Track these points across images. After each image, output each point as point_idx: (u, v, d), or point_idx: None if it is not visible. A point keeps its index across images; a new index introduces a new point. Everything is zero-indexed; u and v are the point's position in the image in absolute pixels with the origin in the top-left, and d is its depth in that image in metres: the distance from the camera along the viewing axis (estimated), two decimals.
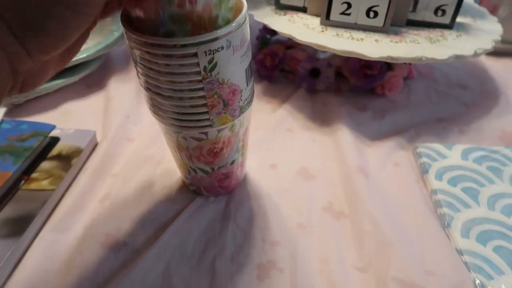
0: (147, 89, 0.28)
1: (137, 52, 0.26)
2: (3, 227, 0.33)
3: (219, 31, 0.24)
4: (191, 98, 0.27)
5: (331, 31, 0.46)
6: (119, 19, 0.26)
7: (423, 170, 0.41)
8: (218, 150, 0.32)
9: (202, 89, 0.26)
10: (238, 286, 0.31)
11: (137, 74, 0.29)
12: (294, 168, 0.42)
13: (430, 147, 0.44)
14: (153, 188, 0.39)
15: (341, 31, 0.46)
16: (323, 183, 0.40)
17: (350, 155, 0.42)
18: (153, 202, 0.38)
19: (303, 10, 0.51)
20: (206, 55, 0.24)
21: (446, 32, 0.48)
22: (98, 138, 0.45)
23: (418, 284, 0.30)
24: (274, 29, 0.47)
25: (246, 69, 0.28)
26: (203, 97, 0.27)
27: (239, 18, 0.25)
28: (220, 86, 0.27)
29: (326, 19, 0.47)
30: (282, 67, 0.56)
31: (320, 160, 0.43)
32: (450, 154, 0.43)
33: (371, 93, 0.54)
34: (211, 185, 0.36)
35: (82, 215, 0.36)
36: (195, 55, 0.24)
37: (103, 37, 0.55)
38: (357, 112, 0.50)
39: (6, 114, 0.41)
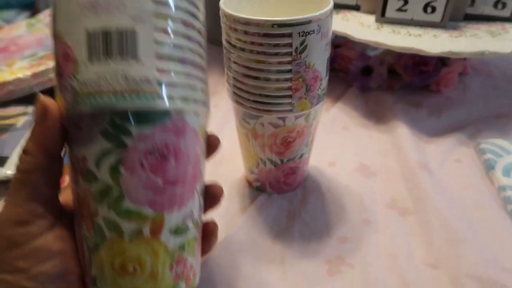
0: (235, 71, 0.31)
1: (232, 32, 0.29)
2: None
3: (312, 15, 0.27)
4: (277, 80, 0.29)
5: (387, 28, 0.46)
6: None
7: (488, 167, 0.40)
8: (291, 140, 0.33)
9: (289, 71, 0.29)
10: (310, 280, 0.31)
11: (226, 57, 0.31)
12: (353, 165, 0.42)
13: (494, 143, 0.43)
14: None
15: (398, 28, 0.46)
16: (384, 179, 0.40)
17: (409, 151, 0.42)
18: None
19: (356, 8, 0.51)
20: (299, 36, 0.27)
21: (508, 25, 0.46)
22: None
23: (497, 281, 0.30)
24: None
25: (327, 59, 0.30)
26: (289, 79, 0.29)
27: (328, 8, 0.28)
28: (306, 69, 0.29)
29: (382, 16, 0.47)
30: (333, 66, 0.56)
31: (379, 157, 0.43)
32: None
33: (425, 90, 0.53)
34: (277, 180, 0.37)
35: None
36: (290, 35, 0.27)
37: None
38: (412, 109, 0.50)
39: None
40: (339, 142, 0.45)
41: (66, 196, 0.25)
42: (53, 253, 0.20)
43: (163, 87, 0.19)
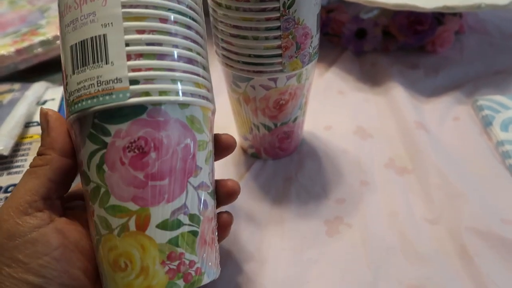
0: (222, 31, 0.29)
1: None
2: None
3: None
4: (266, 38, 0.28)
5: None
6: None
7: (486, 123, 0.40)
8: (284, 102, 0.32)
9: (278, 28, 0.27)
10: (309, 241, 0.31)
11: (212, 17, 0.30)
12: (350, 128, 0.41)
13: (492, 99, 0.42)
14: None
15: None
16: (381, 140, 0.40)
17: (407, 112, 0.41)
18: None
19: None
20: None
21: None
22: None
23: (496, 233, 0.30)
24: None
25: (317, 15, 0.28)
26: (278, 37, 0.28)
27: None
28: (296, 26, 0.27)
29: None
30: (326, 31, 0.55)
31: (376, 119, 0.42)
32: None
33: (421, 50, 0.52)
34: (271, 145, 0.36)
35: None
36: None
37: None
38: (409, 70, 0.49)
39: None
40: (335, 107, 0.45)
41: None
42: (52, 247, 0.20)
43: (137, 83, 0.19)
